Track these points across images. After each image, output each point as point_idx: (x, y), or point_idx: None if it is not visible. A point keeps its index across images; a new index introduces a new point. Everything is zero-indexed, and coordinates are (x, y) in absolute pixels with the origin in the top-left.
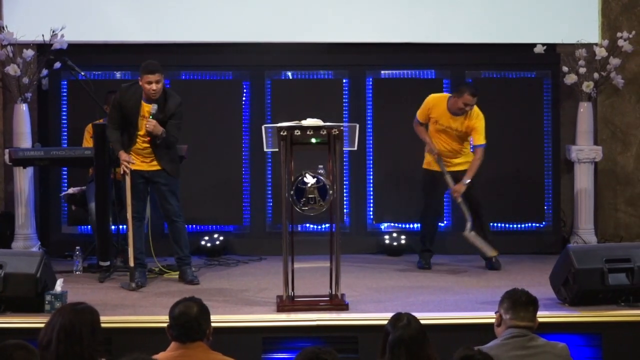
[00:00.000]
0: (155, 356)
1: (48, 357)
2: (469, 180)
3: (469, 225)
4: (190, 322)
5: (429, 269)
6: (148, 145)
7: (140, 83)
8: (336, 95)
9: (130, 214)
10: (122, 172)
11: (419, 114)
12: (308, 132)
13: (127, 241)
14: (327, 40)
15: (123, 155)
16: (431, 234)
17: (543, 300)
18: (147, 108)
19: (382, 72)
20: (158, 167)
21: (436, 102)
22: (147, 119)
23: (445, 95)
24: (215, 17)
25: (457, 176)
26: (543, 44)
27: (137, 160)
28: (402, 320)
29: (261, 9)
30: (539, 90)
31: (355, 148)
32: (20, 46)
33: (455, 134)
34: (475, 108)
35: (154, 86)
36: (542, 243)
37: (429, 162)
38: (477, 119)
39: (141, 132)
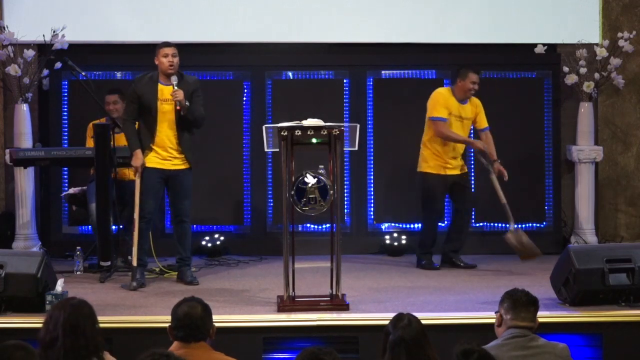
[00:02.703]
0: None
1: (53, 355)
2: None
3: (512, 224)
4: (194, 322)
5: (432, 268)
6: (172, 133)
7: (157, 61)
8: (337, 95)
9: (137, 214)
10: (134, 174)
11: (440, 111)
12: (309, 132)
13: (127, 241)
14: (328, 40)
15: (138, 158)
16: (435, 237)
17: (543, 301)
18: (165, 90)
19: (383, 72)
20: (180, 167)
21: (445, 94)
22: (172, 91)
23: (447, 88)
24: (216, 17)
25: (461, 180)
26: (544, 44)
27: (159, 158)
28: (403, 321)
29: (262, 9)
30: (539, 91)
31: (356, 148)
32: (21, 46)
33: (467, 124)
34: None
35: (170, 58)
36: (542, 243)
37: (431, 166)
38: (478, 102)
39: (163, 124)
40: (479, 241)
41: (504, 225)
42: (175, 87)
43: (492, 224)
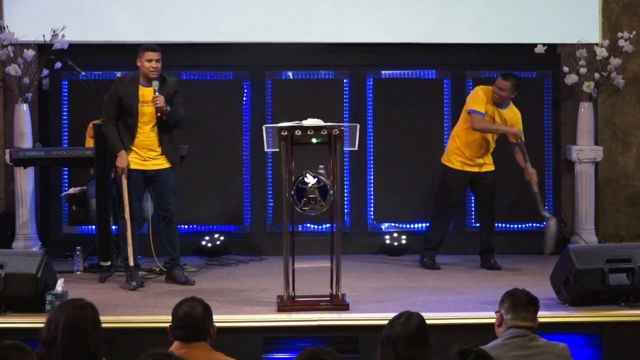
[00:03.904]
0: None
1: (53, 354)
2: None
3: (553, 220)
4: (195, 322)
5: (432, 267)
6: (154, 135)
7: (139, 63)
8: (337, 95)
9: (129, 215)
10: (120, 175)
11: (480, 105)
12: (309, 132)
13: (122, 242)
14: (328, 40)
15: (123, 159)
16: (443, 234)
17: (544, 301)
18: (145, 92)
19: (383, 72)
20: (161, 166)
21: (487, 92)
22: (153, 97)
23: (490, 87)
24: (216, 17)
25: (481, 177)
26: (543, 44)
27: (140, 159)
28: (400, 319)
29: (262, 9)
30: (539, 91)
31: (356, 148)
32: (21, 46)
33: None
34: (512, 104)
35: (154, 64)
36: (543, 243)
37: (451, 160)
38: (517, 114)
39: (143, 126)
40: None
41: (506, 225)
42: (157, 93)
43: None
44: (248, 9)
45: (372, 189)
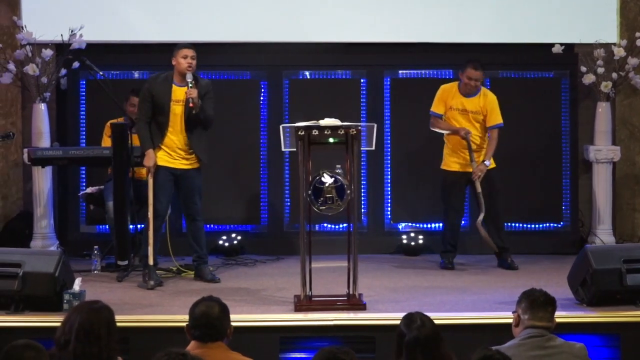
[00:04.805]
0: None
1: (66, 357)
2: (489, 162)
3: (481, 216)
4: (212, 322)
5: (452, 268)
6: (183, 135)
7: (174, 62)
8: (354, 95)
9: (152, 213)
10: (146, 173)
11: (435, 106)
12: (326, 132)
13: (143, 240)
14: (345, 40)
15: (150, 158)
16: (454, 235)
17: (561, 301)
18: (178, 91)
19: (400, 71)
20: (190, 166)
21: (447, 89)
22: (188, 88)
23: (453, 83)
24: (233, 17)
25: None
26: (561, 44)
27: (169, 157)
28: (416, 322)
29: (279, 9)
30: (557, 90)
31: (373, 148)
32: (39, 46)
33: (474, 117)
34: (485, 89)
35: (189, 60)
36: (560, 243)
37: (447, 162)
38: (489, 97)
39: (174, 125)
40: None
41: (523, 225)
42: (190, 85)
43: (508, 224)
44: (265, 8)
45: (389, 188)
